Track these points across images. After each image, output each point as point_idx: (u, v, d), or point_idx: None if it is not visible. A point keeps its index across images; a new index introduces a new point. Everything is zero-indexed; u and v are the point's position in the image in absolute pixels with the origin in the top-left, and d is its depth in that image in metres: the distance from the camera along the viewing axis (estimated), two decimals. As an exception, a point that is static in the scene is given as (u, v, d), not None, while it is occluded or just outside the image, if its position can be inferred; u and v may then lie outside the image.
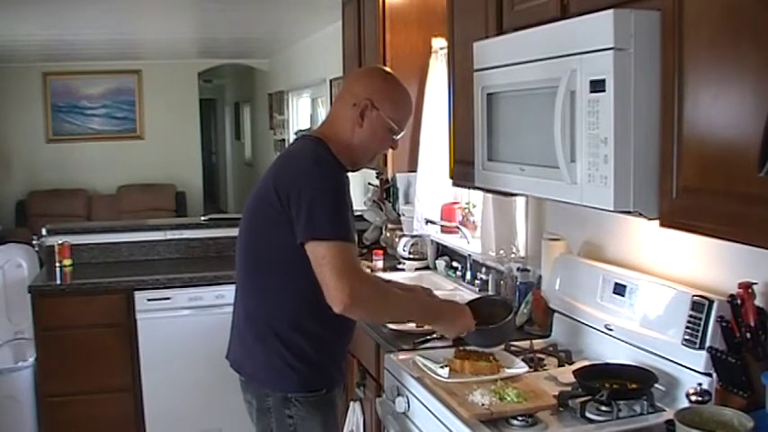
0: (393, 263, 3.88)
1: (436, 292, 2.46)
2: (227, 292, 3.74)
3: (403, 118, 2.20)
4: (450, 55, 2.83)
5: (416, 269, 3.77)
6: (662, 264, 2.19)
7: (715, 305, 1.84)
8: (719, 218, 1.52)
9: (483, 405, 1.89)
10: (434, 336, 2.59)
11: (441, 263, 3.67)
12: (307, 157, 2.07)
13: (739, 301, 1.74)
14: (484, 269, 3.21)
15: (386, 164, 3.81)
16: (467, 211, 3.58)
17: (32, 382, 3.99)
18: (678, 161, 1.62)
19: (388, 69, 2.57)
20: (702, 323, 1.85)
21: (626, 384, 1.94)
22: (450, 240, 3.59)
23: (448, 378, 2.11)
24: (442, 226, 3.63)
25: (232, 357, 2.25)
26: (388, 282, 2.33)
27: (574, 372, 2.03)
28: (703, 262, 2.03)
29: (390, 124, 2.15)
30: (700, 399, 1.79)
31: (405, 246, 3.82)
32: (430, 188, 3.61)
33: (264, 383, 2.13)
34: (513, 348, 2.39)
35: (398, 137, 2.20)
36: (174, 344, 3.90)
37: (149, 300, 3.90)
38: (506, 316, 2.28)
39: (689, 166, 1.60)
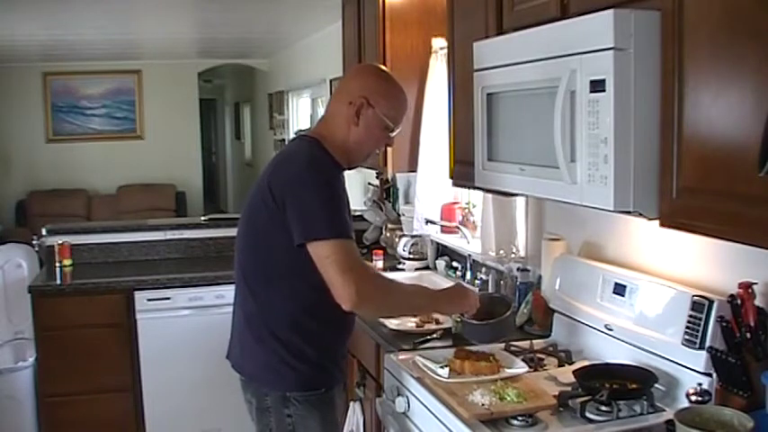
0: (393, 263, 3.88)
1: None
2: (227, 292, 3.73)
3: (398, 115, 2.20)
4: (450, 55, 2.83)
5: (416, 269, 3.76)
6: (662, 264, 2.19)
7: (715, 305, 1.84)
8: (719, 218, 1.52)
9: (483, 405, 1.89)
10: (434, 336, 2.59)
11: (441, 263, 3.67)
12: (301, 160, 2.07)
13: (739, 301, 1.74)
14: (484, 269, 3.21)
15: (386, 164, 3.81)
16: (467, 211, 3.58)
17: (32, 382, 3.99)
18: (678, 161, 1.62)
19: (382, 67, 2.57)
20: (702, 323, 1.85)
21: (626, 384, 1.94)
22: (450, 240, 3.59)
23: (448, 378, 2.10)
24: (442, 226, 3.63)
25: (233, 358, 2.26)
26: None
27: (574, 372, 2.03)
28: (703, 262, 2.03)
29: (386, 122, 2.15)
30: (700, 399, 1.79)
31: (405, 246, 3.82)
32: (430, 188, 3.61)
33: (264, 383, 2.14)
34: (513, 348, 2.39)
35: (394, 134, 2.21)
36: (174, 344, 3.90)
37: (149, 300, 3.90)
38: (505, 312, 2.29)
39: (689, 166, 1.60)
